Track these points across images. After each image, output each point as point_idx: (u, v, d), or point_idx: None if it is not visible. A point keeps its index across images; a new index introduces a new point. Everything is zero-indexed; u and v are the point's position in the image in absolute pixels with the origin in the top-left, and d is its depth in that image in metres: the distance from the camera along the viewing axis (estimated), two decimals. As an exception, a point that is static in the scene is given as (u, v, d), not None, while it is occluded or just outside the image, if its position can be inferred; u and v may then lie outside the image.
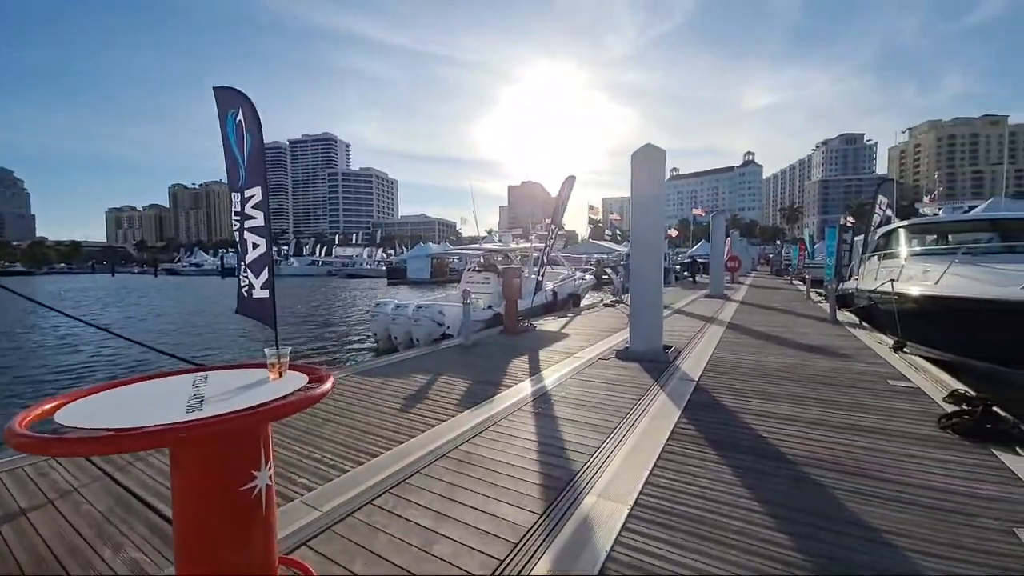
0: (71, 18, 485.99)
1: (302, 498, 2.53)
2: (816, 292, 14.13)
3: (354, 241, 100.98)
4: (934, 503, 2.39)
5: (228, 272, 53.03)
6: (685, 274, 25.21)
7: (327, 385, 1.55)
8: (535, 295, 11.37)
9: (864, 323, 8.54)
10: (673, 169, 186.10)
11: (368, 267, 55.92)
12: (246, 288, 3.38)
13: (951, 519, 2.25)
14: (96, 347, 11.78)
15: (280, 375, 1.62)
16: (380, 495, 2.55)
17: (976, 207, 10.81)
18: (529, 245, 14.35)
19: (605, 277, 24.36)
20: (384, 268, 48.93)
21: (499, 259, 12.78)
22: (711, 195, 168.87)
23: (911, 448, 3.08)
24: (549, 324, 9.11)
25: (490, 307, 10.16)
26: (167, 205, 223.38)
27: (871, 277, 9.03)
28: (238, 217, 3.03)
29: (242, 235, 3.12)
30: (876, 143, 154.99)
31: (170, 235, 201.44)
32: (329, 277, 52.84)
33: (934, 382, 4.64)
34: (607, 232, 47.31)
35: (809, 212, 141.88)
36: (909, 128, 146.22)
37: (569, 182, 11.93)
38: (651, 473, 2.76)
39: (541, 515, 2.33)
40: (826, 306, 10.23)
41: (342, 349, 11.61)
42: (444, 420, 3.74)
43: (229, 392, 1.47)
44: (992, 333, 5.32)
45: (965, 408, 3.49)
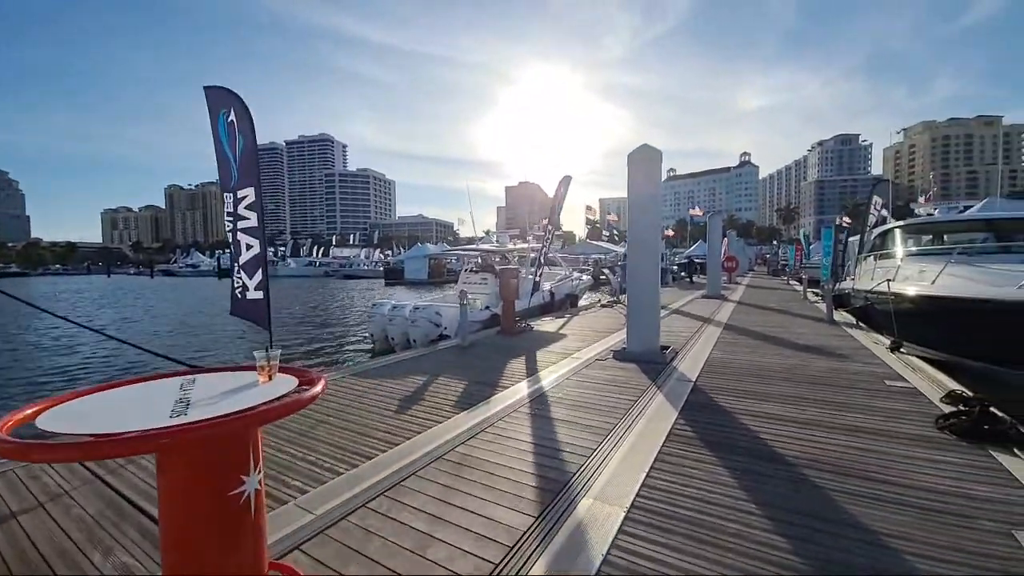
0: (71, 18, 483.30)
1: (295, 501, 2.51)
2: (813, 292, 14.17)
3: (351, 242, 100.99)
4: (932, 505, 2.39)
5: (224, 273, 52.67)
6: (682, 274, 25.25)
7: (318, 388, 1.52)
8: (532, 296, 11.35)
9: (861, 323, 8.56)
10: (670, 170, 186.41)
11: (365, 268, 55.83)
12: (240, 289, 3.34)
13: (949, 521, 2.24)
14: (92, 348, 11.72)
15: (270, 378, 1.60)
16: (374, 498, 2.53)
17: (971, 207, 10.86)
18: (526, 246, 14.33)
19: (603, 277, 24.40)
20: (381, 269, 48.88)
21: (496, 260, 12.76)
22: (708, 196, 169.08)
23: (908, 449, 3.07)
24: (546, 325, 9.09)
25: (487, 308, 10.13)
26: (163, 206, 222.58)
27: (867, 277, 9.05)
28: (231, 218, 2.99)
29: (235, 236, 3.08)
30: (871, 144, 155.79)
31: (166, 236, 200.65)
32: (326, 278, 52.70)
33: (931, 382, 4.64)
34: (604, 233, 47.36)
35: (805, 212, 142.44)
36: (904, 129, 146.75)
37: (565, 182, 11.93)
38: (648, 475, 2.75)
39: (537, 518, 2.31)
40: (823, 306, 10.26)
41: (339, 350, 11.56)
42: (440, 422, 3.72)
43: (216, 396, 1.44)
44: (988, 333, 5.34)
45: (962, 409, 3.48)
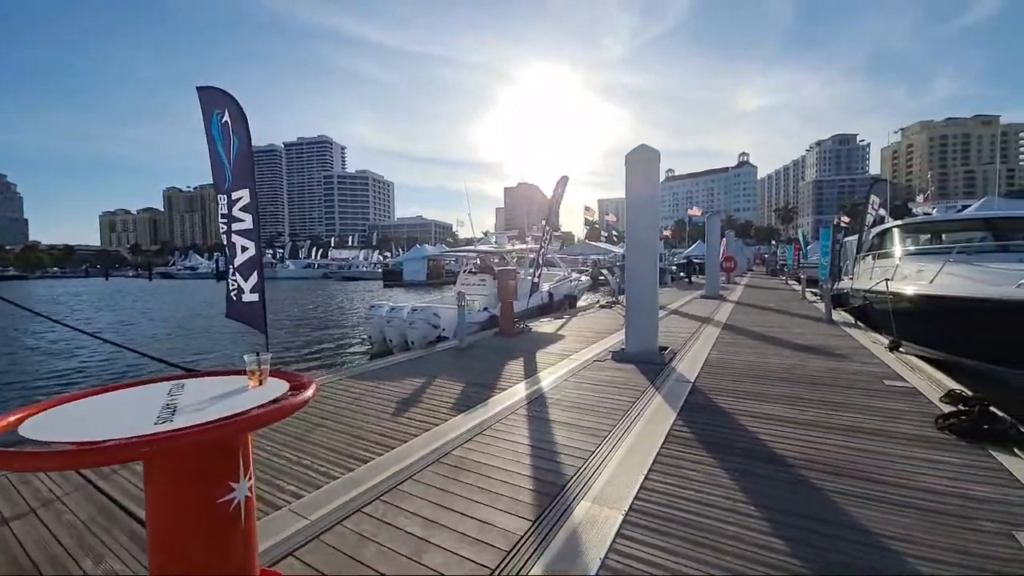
0: (71, 18, 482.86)
1: (290, 506, 2.48)
2: (811, 292, 14.16)
3: (350, 243, 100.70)
4: (931, 505, 2.37)
5: (223, 275, 52.37)
6: (681, 275, 25.25)
7: (309, 392, 1.50)
8: (531, 296, 11.32)
9: (859, 323, 8.55)
10: (668, 170, 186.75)
11: (364, 269, 55.81)
12: (235, 292, 3.33)
13: (949, 522, 2.22)
14: (89, 352, 11.68)
15: (260, 383, 1.57)
16: (370, 502, 2.50)
17: (969, 206, 10.87)
18: (525, 246, 14.31)
19: (601, 278, 24.34)
20: (380, 270, 48.84)
21: (495, 261, 12.74)
22: (706, 196, 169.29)
23: (908, 449, 3.05)
24: (545, 326, 9.07)
25: (486, 309, 10.10)
26: (161, 208, 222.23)
27: (866, 277, 9.04)
28: (224, 220, 2.98)
29: (229, 238, 3.06)
30: (869, 143, 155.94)
31: (164, 238, 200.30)
32: (325, 280, 52.67)
33: (930, 382, 4.63)
34: (603, 233, 47.37)
35: (804, 212, 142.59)
36: (901, 128, 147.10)
37: (562, 182, 11.92)
38: (646, 478, 2.73)
39: (534, 522, 2.29)
40: (821, 306, 10.24)
41: (337, 352, 11.53)
42: (437, 424, 3.69)
43: (204, 401, 1.42)
44: (987, 332, 5.33)
45: (962, 408, 3.46)
